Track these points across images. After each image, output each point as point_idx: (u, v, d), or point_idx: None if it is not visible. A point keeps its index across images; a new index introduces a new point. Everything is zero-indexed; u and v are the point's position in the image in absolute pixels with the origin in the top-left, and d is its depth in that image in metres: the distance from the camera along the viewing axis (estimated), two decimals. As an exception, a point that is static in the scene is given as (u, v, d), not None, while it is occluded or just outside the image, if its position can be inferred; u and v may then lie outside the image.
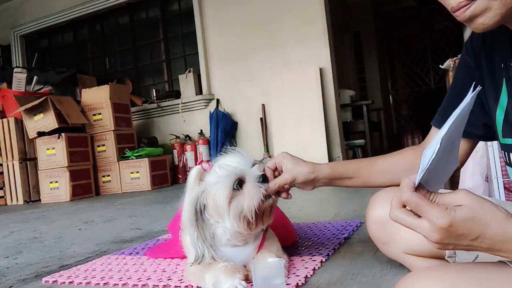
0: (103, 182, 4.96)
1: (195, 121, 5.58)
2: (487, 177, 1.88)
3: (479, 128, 0.88)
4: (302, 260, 1.20)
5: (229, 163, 1.03)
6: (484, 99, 0.84)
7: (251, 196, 0.99)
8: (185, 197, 1.05)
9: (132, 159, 4.84)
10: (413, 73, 9.05)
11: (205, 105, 5.57)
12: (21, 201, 4.80)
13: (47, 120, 4.57)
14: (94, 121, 4.97)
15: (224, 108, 5.43)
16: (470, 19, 0.64)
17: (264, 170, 1.05)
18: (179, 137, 5.52)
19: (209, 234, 1.04)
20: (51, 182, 4.64)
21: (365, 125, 5.79)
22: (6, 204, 4.88)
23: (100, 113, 4.95)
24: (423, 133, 6.32)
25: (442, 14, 8.25)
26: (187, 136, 5.48)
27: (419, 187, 0.58)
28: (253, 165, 1.03)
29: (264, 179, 1.01)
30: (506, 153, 0.81)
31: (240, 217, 0.99)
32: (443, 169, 0.63)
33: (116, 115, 4.95)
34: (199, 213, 1.03)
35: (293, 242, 1.38)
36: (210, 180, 1.03)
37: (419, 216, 0.58)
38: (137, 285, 1.15)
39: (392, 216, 0.59)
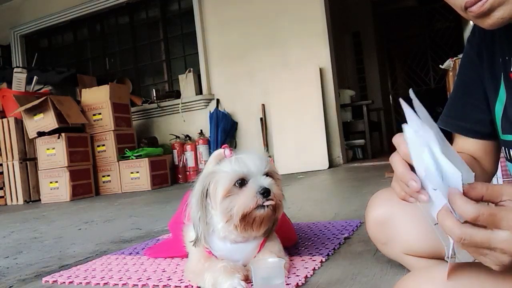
0: (103, 182, 4.96)
1: (195, 121, 5.58)
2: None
3: (486, 126, 0.85)
4: (302, 260, 1.20)
5: (245, 160, 1.02)
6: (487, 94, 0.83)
7: (243, 199, 0.99)
8: (200, 176, 1.07)
9: (132, 159, 4.84)
10: (413, 73, 9.05)
11: (205, 105, 5.57)
12: (21, 201, 4.80)
13: (47, 120, 4.57)
14: (94, 121, 4.97)
15: (224, 108, 5.43)
16: (488, 12, 0.63)
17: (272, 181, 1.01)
18: (179, 137, 5.52)
19: (208, 219, 1.05)
20: (51, 182, 4.64)
21: (365, 125, 5.79)
22: (6, 204, 4.89)
23: (100, 113, 4.95)
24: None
25: (442, 14, 8.26)
26: (187, 136, 5.48)
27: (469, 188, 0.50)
28: (265, 174, 1.02)
29: (266, 192, 0.98)
30: (506, 149, 0.80)
31: (227, 214, 1.00)
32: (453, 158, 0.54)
33: (116, 115, 4.95)
34: (204, 194, 1.04)
35: (294, 243, 1.38)
36: (222, 168, 1.03)
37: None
38: (137, 285, 1.15)
39: (462, 235, 0.51)
